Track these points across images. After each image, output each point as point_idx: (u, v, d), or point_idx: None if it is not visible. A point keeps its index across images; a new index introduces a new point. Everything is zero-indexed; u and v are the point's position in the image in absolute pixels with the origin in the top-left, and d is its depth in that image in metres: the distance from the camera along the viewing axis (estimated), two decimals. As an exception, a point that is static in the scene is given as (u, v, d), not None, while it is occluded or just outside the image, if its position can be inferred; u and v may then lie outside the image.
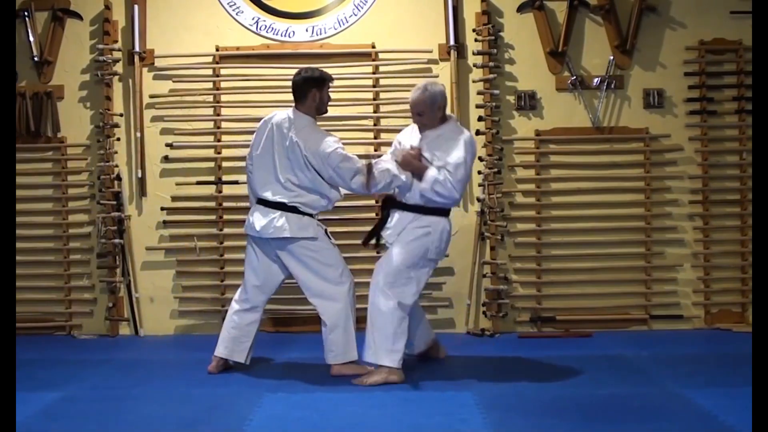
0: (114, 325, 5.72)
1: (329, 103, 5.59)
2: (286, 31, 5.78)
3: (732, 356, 4.80)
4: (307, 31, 5.78)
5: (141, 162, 5.70)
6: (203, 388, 4.19)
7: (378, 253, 5.13)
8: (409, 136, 4.57)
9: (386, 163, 4.45)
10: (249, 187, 4.61)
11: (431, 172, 4.30)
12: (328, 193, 4.46)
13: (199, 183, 5.73)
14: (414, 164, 4.36)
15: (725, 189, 5.77)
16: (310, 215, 4.46)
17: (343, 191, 4.56)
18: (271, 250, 4.49)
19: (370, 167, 4.35)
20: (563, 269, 5.75)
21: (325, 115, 5.67)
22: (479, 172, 5.61)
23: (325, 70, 4.56)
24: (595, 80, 5.73)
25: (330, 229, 4.69)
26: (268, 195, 4.43)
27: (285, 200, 4.40)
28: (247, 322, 4.56)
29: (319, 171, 4.37)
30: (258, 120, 5.66)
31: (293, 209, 4.40)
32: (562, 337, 5.48)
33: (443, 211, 4.44)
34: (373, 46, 5.72)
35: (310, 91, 4.45)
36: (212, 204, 5.75)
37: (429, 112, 4.39)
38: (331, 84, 4.54)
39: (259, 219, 4.42)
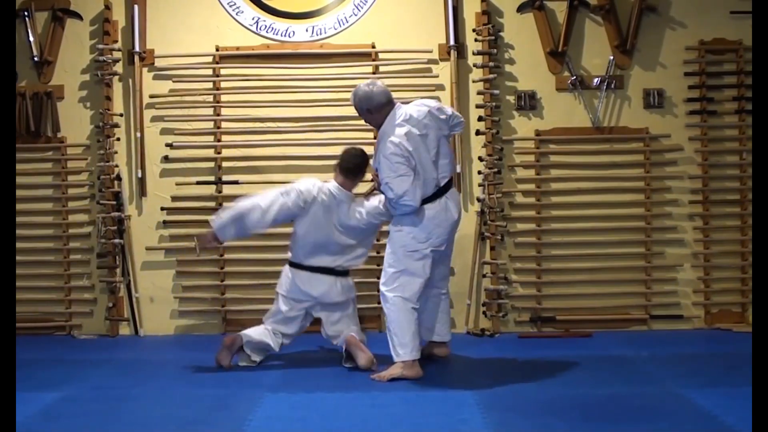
0: (114, 325, 5.72)
1: (329, 104, 5.65)
2: (286, 31, 5.78)
3: (732, 356, 4.80)
4: (307, 31, 5.78)
5: (141, 162, 5.70)
6: (203, 388, 4.19)
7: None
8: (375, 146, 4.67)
9: None
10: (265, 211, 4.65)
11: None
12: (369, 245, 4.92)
13: (199, 183, 5.73)
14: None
15: (725, 189, 5.76)
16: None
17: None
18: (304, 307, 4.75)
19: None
20: (563, 269, 5.75)
21: (325, 115, 5.72)
22: (479, 172, 5.61)
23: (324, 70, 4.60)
24: (595, 80, 5.73)
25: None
26: (321, 263, 4.68)
27: (335, 265, 4.70)
28: (273, 342, 4.73)
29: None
30: (257, 120, 5.72)
31: (344, 273, 4.76)
32: (562, 337, 5.47)
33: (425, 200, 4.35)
34: (373, 46, 5.72)
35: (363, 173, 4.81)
36: (212, 204, 5.74)
37: (367, 115, 4.43)
38: None
39: (315, 286, 4.66)
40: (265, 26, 5.78)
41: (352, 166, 4.71)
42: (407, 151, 4.22)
